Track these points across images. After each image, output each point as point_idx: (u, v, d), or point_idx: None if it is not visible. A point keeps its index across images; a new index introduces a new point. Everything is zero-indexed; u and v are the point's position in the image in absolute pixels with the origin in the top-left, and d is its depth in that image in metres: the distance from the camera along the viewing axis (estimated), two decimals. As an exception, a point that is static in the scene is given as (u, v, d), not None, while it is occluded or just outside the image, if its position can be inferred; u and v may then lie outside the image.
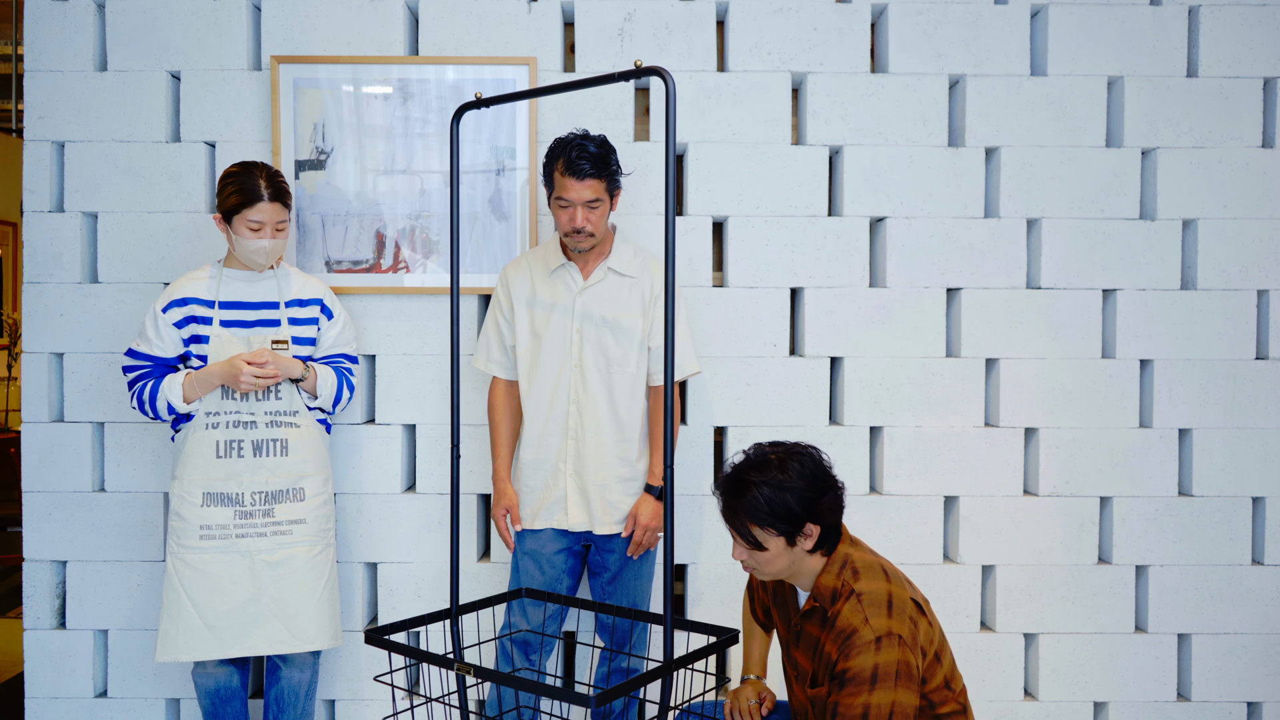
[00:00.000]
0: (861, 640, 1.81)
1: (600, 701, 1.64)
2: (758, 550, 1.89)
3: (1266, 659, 2.85)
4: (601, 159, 2.35)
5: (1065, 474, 2.84)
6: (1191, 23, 2.86)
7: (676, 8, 2.84)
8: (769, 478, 1.85)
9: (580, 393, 2.46)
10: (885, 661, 1.79)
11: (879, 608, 1.84)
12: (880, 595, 1.86)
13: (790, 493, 1.84)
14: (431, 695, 2.83)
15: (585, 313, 2.46)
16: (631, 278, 2.48)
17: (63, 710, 2.84)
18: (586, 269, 2.49)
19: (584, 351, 2.45)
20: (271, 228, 2.44)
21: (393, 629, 2.06)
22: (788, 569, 1.92)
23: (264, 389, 2.45)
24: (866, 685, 1.78)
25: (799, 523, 1.85)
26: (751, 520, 1.86)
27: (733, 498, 1.89)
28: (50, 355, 2.84)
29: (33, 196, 2.83)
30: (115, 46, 2.82)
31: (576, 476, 2.47)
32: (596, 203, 2.37)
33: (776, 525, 1.85)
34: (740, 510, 1.88)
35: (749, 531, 1.88)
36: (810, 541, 1.88)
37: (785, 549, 1.88)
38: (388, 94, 2.81)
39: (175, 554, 2.45)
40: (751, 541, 1.88)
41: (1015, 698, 2.85)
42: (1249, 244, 2.84)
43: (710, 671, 2.80)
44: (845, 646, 1.82)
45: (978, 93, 2.84)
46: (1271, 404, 2.85)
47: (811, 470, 1.88)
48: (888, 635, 1.81)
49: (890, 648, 1.80)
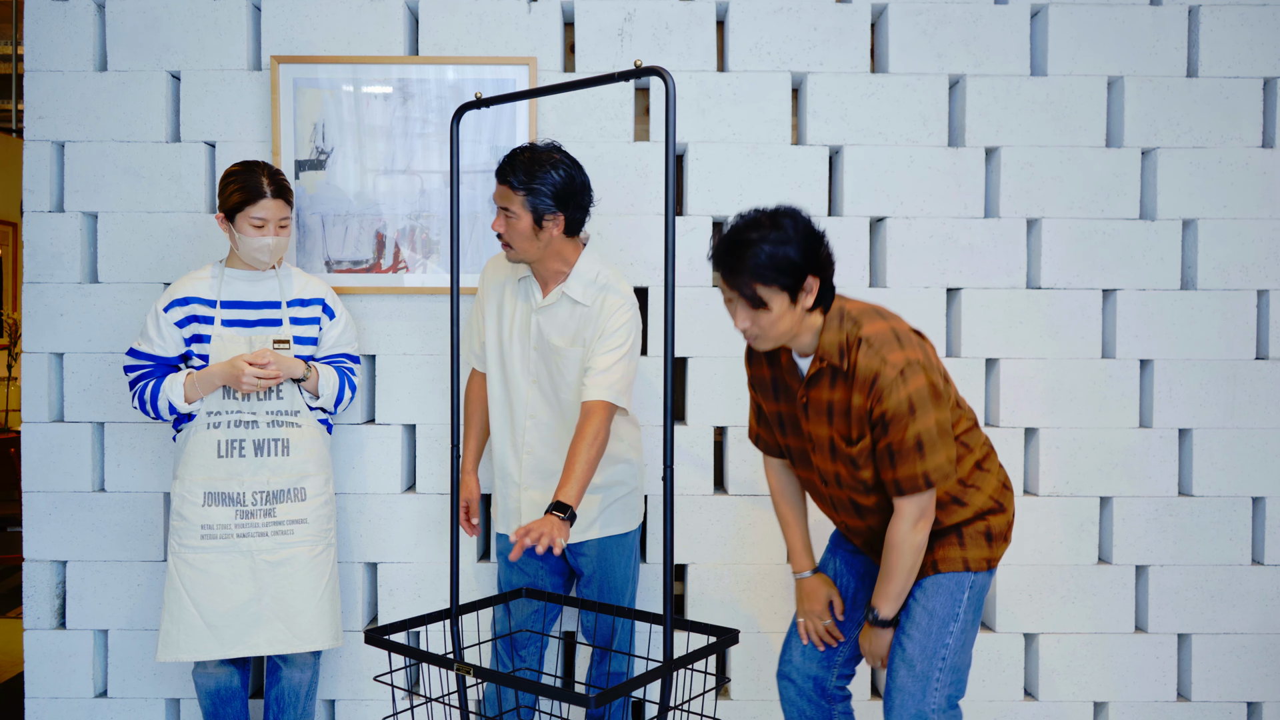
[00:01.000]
0: (886, 380, 1.89)
1: (600, 701, 1.65)
2: (762, 311, 1.90)
3: (1266, 659, 2.85)
4: (530, 175, 2.22)
5: (1065, 474, 2.84)
6: (1191, 23, 2.87)
7: (676, 8, 2.84)
8: (766, 235, 1.87)
9: (538, 408, 2.42)
10: (915, 389, 1.89)
11: (890, 345, 1.92)
12: (885, 333, 1.94)
13: (790, 245, 1.87)
14: (431, 695, 2.83)
15: (539, 332, 2.38)
16: (585, 306, 2.34)
17: (63, 710, 2.84)
18: (545, 287, 2.38)
19: (540, 369, 2.40)
20: (275, 225, 2.44)
21: (392, 629, 2.06)
22: (789, 331, 1.94)
23: (265, 390, 2.45)
24: (908, 416, 1.89)
25: (801, 275, 1.88)
26: (755, 279, 1.87)
27: (734, 259, 1.89)
28: (50, 355, 2.84)
29: (33, 196, 2.83)
30: (115, 46, 2.82)
31: (532, 489, 2.43)
32: (510, 213, 2.24)
33: (780, 280, 1.87)
34: (743, 270, 1.88)
35: (754, 292, 1.88)
36: (810, 298, 1.93)
37: (788, 308, 1.90)
38: (388, 94, 2.81)
39: (176, 554, 2.45)
40: (756, 302, 1.89)
41: (1015, 698, 2.85)
42: (1249, 244, 2.84)
43: (710, 671, 2.80)
44: (875, 391, 1.90)
45: (978, 93, 2.84)
46: (1271, 404, 2.85)
47: (804, 224, 1.92)
48: (908, 365, 1.90)
49: (914, 375, 1.90)
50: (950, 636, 2.03)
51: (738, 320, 1.95)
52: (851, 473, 2.02)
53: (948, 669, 2.03)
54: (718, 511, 2.84)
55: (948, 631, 2.03)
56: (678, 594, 3.01)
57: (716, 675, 2.13)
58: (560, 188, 2.24)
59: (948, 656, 2.03)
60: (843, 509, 2.12)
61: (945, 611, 2.03)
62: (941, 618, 2.03)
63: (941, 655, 2.03)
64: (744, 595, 2.85)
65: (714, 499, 2.85)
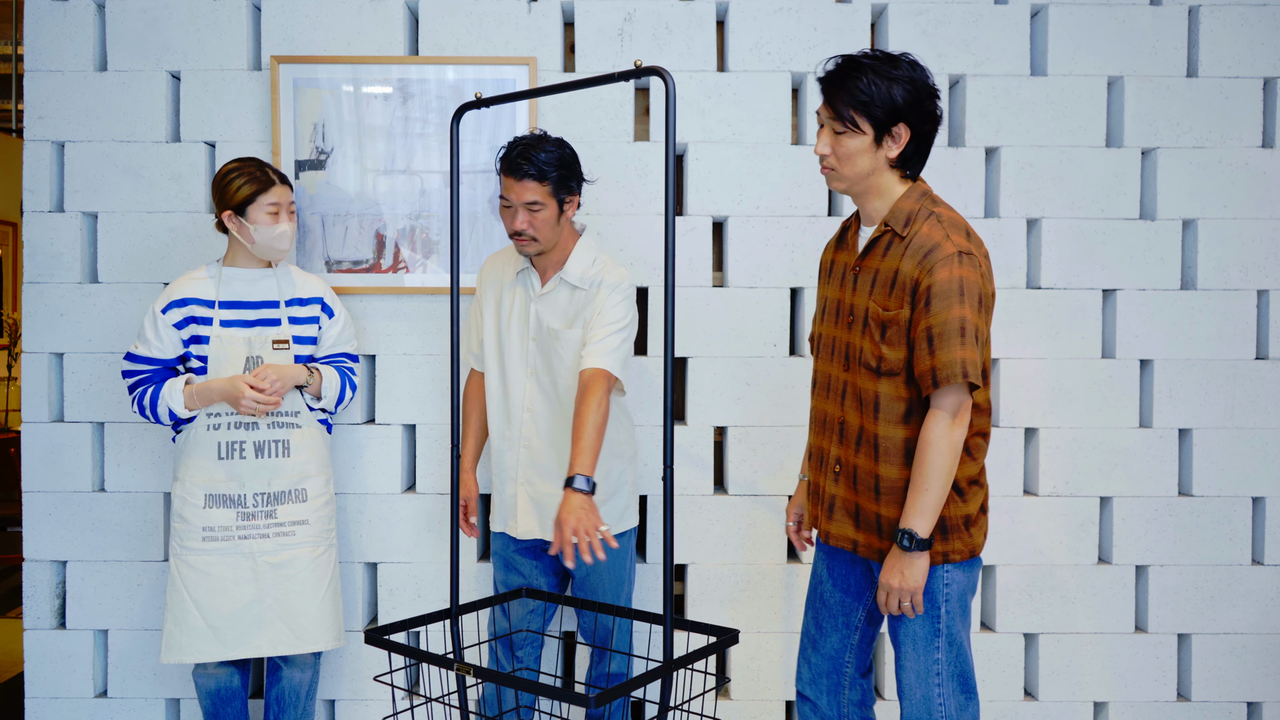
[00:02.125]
0: (943, 253, 1.84)
1: (600, 701, 1.65)
2: (847, 135, 1.89)
3: (1266, 659, 2.85)
4: (547, 163, 2.27)
5: (1065, 474, 2.84)
6: (1191, 23, 2.87)
7: (676, 8, 2.84)
8: (879, 65, 1.87)
9: (535, 401, 2.42)
10: (968, 277, 1.83)
11: (959, 230, 1.88)
12: (960, 222, 1.91)
13: (896, 83, 1.86)
14: (431, 695, 2.83)
15: (538, 322, 2.40)
16: (583, 290, 2.37)
17: (63, 710, 2.84)
18: (544, 276, 2.42)
19: (538, 360, 2.40)
20: (286, 210, 2.47)
21: (393, 629, 2.06)
22: (863, 173, 1.92)
23: (265, 414, 2.44)
24: (956, 297, 1.82)
25: (894, 116, 1.87)
26: (849, 101, 1.87)
27: (839, 74, 1.90)
28: (50, 355, 2.84)
29: (33, 196, 2.83)
30: (115, 46, 2.82)
31: (528, 485, 2.43)
32: (537, 205, 2.28)
33: (872, 111, 1.86)
34: (842, 87, 1.88)
35: (845, 111, 1.88)
36: (896, 147, 1.90)
37: (870, 147, 1.89)
38: (388, 94, 2.81)
39: (178, 555, 2.45)
40: (845, 121, 1.88)
41: (1015, 698, 2.85)
42: (1249, 244, 2.84)
43: (710, 672, 2.80)
44: (928, 260, 1.84)
45: (978, 93, 2.84)
46: (1271, 404, 2.85)
47: (921, 73, 1.90)
48: (968, 254, 1.84)
49: (971, 266, 1.84)
50: (939, 651, 1.96)
51: (819, 144, 1.94)
52: (872, 348, 1.92)
53: (945, 680, 1.97)
54: (718, 511, 2.84)
55: (934, 648, 1.96)
56: (678, 594, 3.01)
57: (716, 675, 2.13)
58: (570, 166, 2.33)
59: (942, 672, 1.97)
60: (836, 398, 2.01)
61: (926, 631, 1.96)
62: (925, 639, 1.96)
63: (936, 672, 1.96)
64: (744, 595, 2.85)
65: (714, 499, 2.85)
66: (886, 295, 1.91)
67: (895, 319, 1.89)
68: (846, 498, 2.02)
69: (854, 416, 1.99)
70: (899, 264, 1.89)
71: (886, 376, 1.92)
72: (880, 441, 1.94)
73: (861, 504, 1.99)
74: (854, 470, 1.99)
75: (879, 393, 1.93)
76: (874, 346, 1.92)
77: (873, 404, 1.94)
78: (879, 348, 1.91)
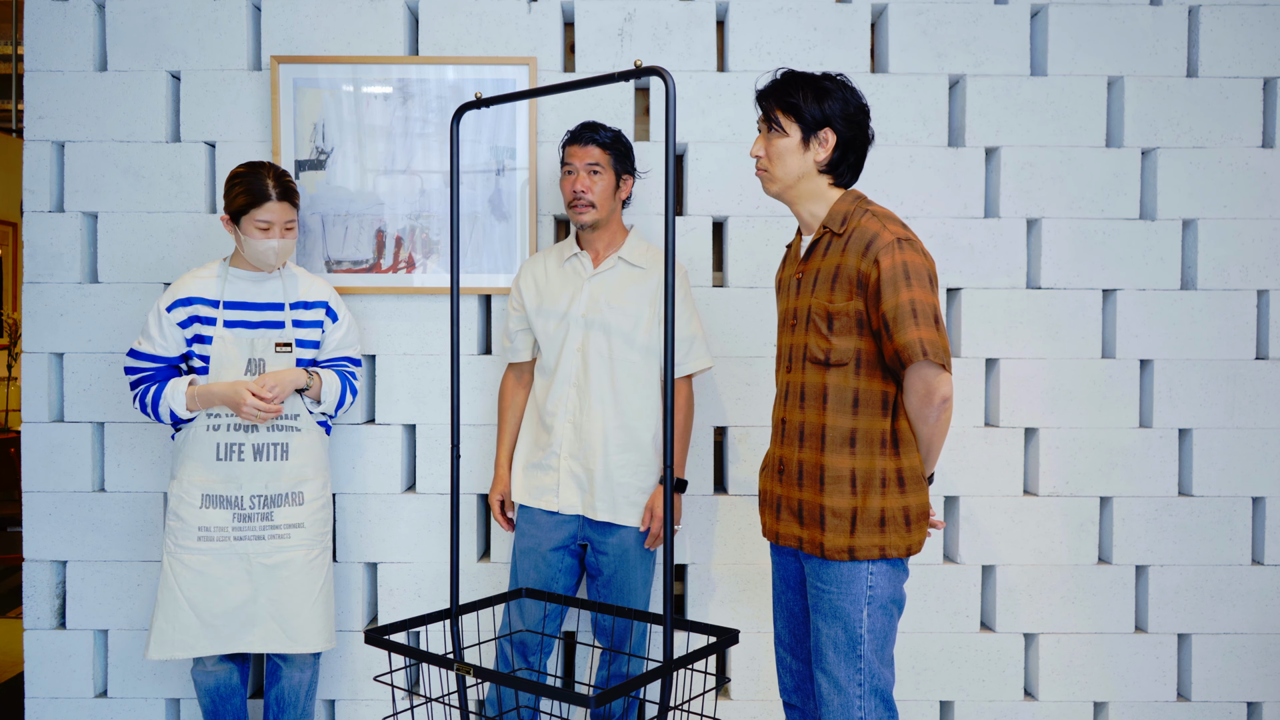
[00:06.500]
0: (883, 242, 1.89)
1: (600, 702, 1.65)
2: (776, 136, 1.98)
3: (1266, 659, 2.85)
4: (609, 137, 2.49)
5: (1065, 474, 2.84)
6: (1191, 23, 2.87)
7: (676, 8, 2.84)
8: (811, 77, 1.99)
9: (582, 378, 2.49)
10: (912, 260, 1.88)
11: (895, 222, 1.94)
12: (895, 217, 1.97)
13: (825, 94, 1.96)
14: (431, 695, 2.83)
15: (592, 299, 2.51)
16: (641, 269, 2.53)
17: (63, 710, 2.84)
18: (598, 257, 2.55)
19: (589, 338, 2.49)
20: (280, 227, 2.44)
21: (393, 629, 2.06)
22: (794, 175, 1.99)
23: (265, 421, 2.44)
24: (903, 280, 1.87)
25: (820, 122, 1.96)
26: (779, 104, 1.98)
27: (773, 84, 2.01)
28: (50, 355, 2.84)
29: (33, 196, 2.83)
30: (115, 46, 2.82)
31: (573, 459, 2.49)
32: (597, 168, 2.46)
33: (800, 115, 1.96)
34: (774, 94, 1.99)
35: (774, 114, 1.98)
36: (824, 151, 1.98)
37: (799, 147, 1.98)
38: (388, 94, 2.81)
39: (172, 554, 2.45)
40: (774, 125, 1.98)
41: (1015, 698, 2.85)
42: (1249, 244, 2.84)
43: (710, 672, 2.80)
44: (870, 252, 1.90)
45: (978, 93, 2.84)
46: (1271, 404, 2.85)
47: (851, 91, 1.99)
48: (906, 239, 1.90)
49: (912, 250, 1.90)
50: (861, 660, 1.93)
51: (754, 147, 2.03)
52: (819, 341, 1.95)
53: (866, 695, 1.94)
54: (718, 511, 2.84)
55: (857, 648, 1.93)
56: (678, 594, 3.01)
57: (716, 675, 2.13)
58: (627, 149, 2.55)
59: (864, 683, 1.93)
60: (794, 402, 2.02)
61: (849, 636, 1.93)
62: (846, 645, 1.93)
63: (859, 682, 1.93)
64: (744, 595, 2.85)
65: (714, 499, 2.85)
66: (829, 290, 1.96)
67: (842, 311, 1.94)
68: (789, 495, 2.04)
69: (801, 414, 2.02)
70: (840, 259, 1.95)
71: (835, 368, 1.96)
72: (827, 431, 1.96)
73: (805, 499, 2.00)
74: (799, 465, 2.01)
75: (827, 384, 1.97)
76: (821, 339, 1.97)
77: (821, 395, 1.98)
78: (827, 340, 1.96)
